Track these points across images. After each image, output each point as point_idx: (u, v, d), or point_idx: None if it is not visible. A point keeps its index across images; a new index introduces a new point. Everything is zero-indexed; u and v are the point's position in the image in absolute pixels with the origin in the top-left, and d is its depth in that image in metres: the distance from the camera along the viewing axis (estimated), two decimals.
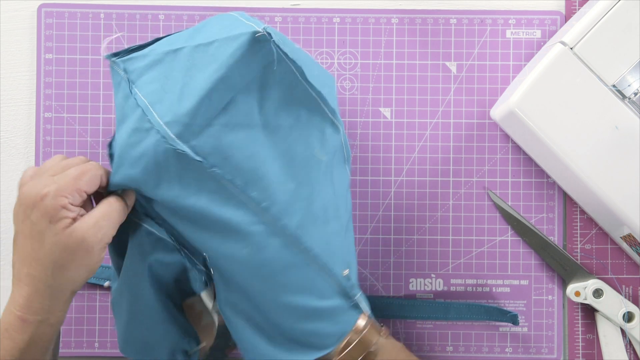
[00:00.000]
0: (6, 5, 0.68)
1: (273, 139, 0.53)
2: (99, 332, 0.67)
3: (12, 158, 0.68)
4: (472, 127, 0.67)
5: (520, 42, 0.67)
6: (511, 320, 0.65)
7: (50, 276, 0.51)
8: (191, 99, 0.50)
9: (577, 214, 0.67)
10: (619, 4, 0.59)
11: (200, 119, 0.50)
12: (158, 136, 0.50)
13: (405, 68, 0.67)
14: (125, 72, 0.53)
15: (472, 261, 0.67)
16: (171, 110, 0.50)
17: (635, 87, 0.59)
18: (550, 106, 0.59)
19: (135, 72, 0.53)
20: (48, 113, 0.67)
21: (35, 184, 0.51)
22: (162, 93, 0.51)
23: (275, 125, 0.53)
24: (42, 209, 0.50)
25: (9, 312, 0.51)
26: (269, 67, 0.51)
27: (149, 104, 0.51)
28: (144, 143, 0.51)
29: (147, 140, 0.50)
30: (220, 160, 0.51)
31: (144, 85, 0.52)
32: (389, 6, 0.68)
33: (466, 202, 0.67)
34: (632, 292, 0.67)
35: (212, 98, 0.50)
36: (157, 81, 0.52)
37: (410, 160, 0.67)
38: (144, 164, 0.51)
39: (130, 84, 0.52)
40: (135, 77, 0.53)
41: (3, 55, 0.68)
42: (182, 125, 0.50)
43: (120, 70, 0.53)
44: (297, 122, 0.54)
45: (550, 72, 0.59)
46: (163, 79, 0.52)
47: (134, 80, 0.53)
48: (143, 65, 0.53)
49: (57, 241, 0.50)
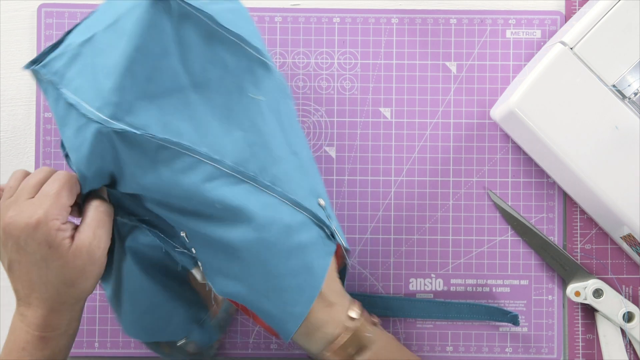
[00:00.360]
0: (6, 5, 0.68)
1: (206, 95, 0.52)
2: (99, 332, 0.67)
3: (12, 158, 0.68)
4: (472, 127, 0.67)
5: (520, 42, 0.67)
6: (512, 320, 0.65)
7: (63, 294, 0.51)
8: (113, 77, 0.50)
9: (577, 214, 0.67)
10: (619, 4, 0.59)
11: (128, 94, 0.50)
12: (96, 125, 0.49)
13: (405, 68, 0.67)
14: (48, 76, 0.53)
15: (472, 261, 0.67)
16: (99, 96, 0.50)
17: (635, 87, 0.59)
18: (550, 106, 0.59)
19: (58, 73, 0.53)
20: (48, 113, 0.67)
21: (18, 214, 0.50)
22: (87, 84, 0.51)
23: (205, 81, 0.52)
24: (38, 238, 0.50)
25: (25, 332, 0.51)
26: (179, 25, 0.51)
27: (79, 99, 0.51)
28: (87, 137, 0.50)
29: (89, 133, 0.50)
30: (161, 128, 0.51)
31: (69, 83, 0.52)
32: (389, 6, 0.68)
33: (466, 202, 0.67)
34: (632, 292, 0.67)
35: (134, 71, 0.50)
36: (81, 75, 0.52)
37: (410, 160, 0.67)
38: (98, 158, 0.51)
39: (56, 86, 0.52)
40: (58, 78, 0.53)
41: (3, 55, 0.68)
42: (113, 105, 0.49)
43: (43, 77, 0.53)
44: (225, 71, 0.53)
45: (550, 72, 0.59)
46: (86, 71, 0.51)
47: (58, 82, 0.52)
48: (63, 64, 0.53)
49: (62, 264, 0.50)
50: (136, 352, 0.67)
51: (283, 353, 0.67)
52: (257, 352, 0.67)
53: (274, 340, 0.67)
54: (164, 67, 0.51)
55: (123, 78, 0.50)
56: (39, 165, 0.67)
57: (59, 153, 0.67)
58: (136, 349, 0.67)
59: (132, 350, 0.67)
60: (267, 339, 0.67)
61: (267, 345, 0.67)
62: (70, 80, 0.52)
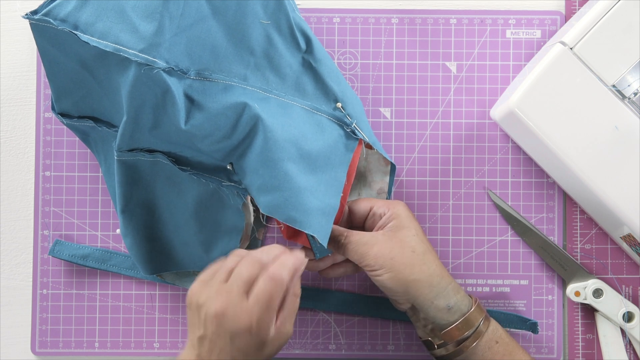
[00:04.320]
0: (6, 5, 0.68)
1: (224, 22, 0.56)
2: (99, 332, 0.67)
3: (12, 158, 0.68)
4: (472, 127, 0.67)
5: (520, 42, 0.67)
6: (530, 328, 0.65)
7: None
8: (153, 20, 0.53)
9: (577, 214, 0.67)
10: (619, 4, 0.59)
11: (167, 33, 0.53)
12: (142, 67, 0.53)
13: (405, 68, 0.67)
14: (57, 23, 0.54)
15: (472, 261, 0.67)
16: (140, 38, 0.53)
17: (635, 87, 0.59)
18: (550, 106, 0.59)
19: (69, 19, 0.54)
20: (48, 113, 0.67)
21: (236, 312, 0.50)
22: (117, 27, 0.53)
23: (224, 9, 0.56)
24: (248, 341, 0.50)
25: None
26: None
27: (115, 44, 0.53)
28: (130, 79, 0.53)
29: (131, 75, 0.53)
30: (188, 60, 0.55)
31: (89, 27, 0.53)
32: (389, 6, 0.68)
33: (466, 202, 0.67)
34: (632, 292, 0.67)
35: (170, 9, 0.53)
36: (102, 18, 0.53)
37: (410, 160, 0.67)
38: (138, 100, 0.54)
39: (77, 32, 0.53)
40: (71, 24, 0.54)
41: (3, 55, 0.68)
42: (157, 46, 0.53)
43: (53, 24, 0.54)
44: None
45: (550, 72, 0.59)
46: (107, 14, 0.53)
47: (73, 28, 0.54)
48: (73, 8, 0.54)
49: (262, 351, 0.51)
50: (136, 352, 0.67)
51: (283, 353, 0.67)
52: None
53: None
54: (191, 1, 0.54)
55: (163, 17, 0.53)
56: (39, 165, 0.67)
57: (59, 153, 0.67)
58: (136, 348, 0.67)
59: (132, 350, 0.67)
60: None
61: None
62: (89, 25, 0.53)
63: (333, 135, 0.59)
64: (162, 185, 0.61)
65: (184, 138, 0.56)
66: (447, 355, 0.58)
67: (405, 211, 0.59)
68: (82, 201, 0.67)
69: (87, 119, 0.60)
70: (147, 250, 0.62)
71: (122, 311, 0.67)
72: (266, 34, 0.58)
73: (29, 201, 0.68)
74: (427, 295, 0.57)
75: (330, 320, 0.67)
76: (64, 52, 0.56)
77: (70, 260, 0.66)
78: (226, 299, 0.50)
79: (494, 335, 0.58)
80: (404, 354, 0.67)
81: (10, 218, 0.68)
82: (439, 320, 0.57)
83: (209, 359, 0.51)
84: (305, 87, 0.60)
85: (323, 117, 0.59)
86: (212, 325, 0.50)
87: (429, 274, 0.57)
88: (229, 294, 0.50)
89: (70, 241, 0.67)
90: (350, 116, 0.59)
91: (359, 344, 0.67)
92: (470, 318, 0.57)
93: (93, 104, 0.60)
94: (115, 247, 0.67)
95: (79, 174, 0.67)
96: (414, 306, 0.58)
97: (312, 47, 0.60)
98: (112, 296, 0.67)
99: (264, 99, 0.57)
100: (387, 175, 0.64)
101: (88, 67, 0.56)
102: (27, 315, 0.67)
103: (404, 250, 0.57)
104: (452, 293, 0.58)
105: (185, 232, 0.62)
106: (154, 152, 0.58)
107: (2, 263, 0.68)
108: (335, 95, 0.60)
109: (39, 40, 0.56)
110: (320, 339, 0.67)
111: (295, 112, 0.58)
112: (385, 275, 0.56)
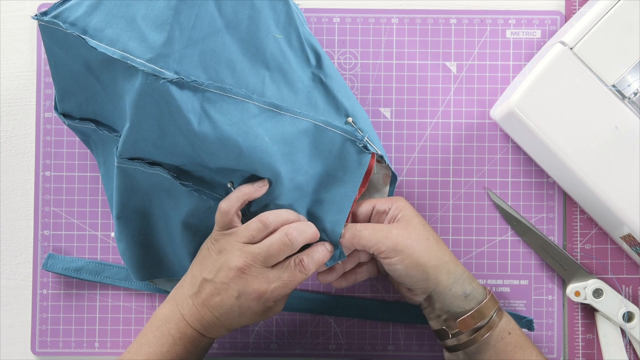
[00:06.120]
0: (6, 5, 0.68)
1: (238, 36, 0.56)
2: (99, 332, 0.67)
3: (12, 158, 0.68)
4: (472, 127, 0.67)
5: (520, 42, 0.67)
6: (526, 325, 0.65)
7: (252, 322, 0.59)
8: (163, 30, 0.53)
9: (577, 214, 0.67)
10: (619, 4, 0.59)
11: (177, 44, 0.53)
12: (149, 77, 0.52)
13: (405, 68, 0.67)
14: (65, 26, 0.53)
15: (472, 261, 0.67)
16: (148, 48, 0.53)
17: (635, 87, 0.59)
18: (550, 106, 0.59)
19: (78, 23, 0.54)
20: (48, 113, 0.67)
21: (257, 276, 0.55)
22: (126, 35, 0.53)
23: (236, 22, 0.56)
24: (251, 303, 0.55)
25: (185, 326, 0.56)
26: None
27: (122, 51, 0.53)
28: (136, 88, 0.53)
29: (137, 84, 0.53)
30: (203, 73, 0.54)
31: (98, 32, 0.53)
32: (389, 6, 0.68)
33: (466, 202, 0.67)
34: (632, 292, 0.67)
35: (180, 21, 0.53)
36: (112, 25, 0.53)
37: (410, 160, 0.67)
38: (143, 110, 0.54)
39: (85, 37, 0.53)
40: (80, 28, 0.53)
41: (3, 55, 0.68)
42: (165, 56, 0.53)
43: (62, 27, 0.53)
44: (253, 10, 0.56)
45: (550, 72, 0.59)
46: (117, 21, 0.53)
47: (82, 32, 0.53)
48: (83, 13, 0.53)
49: (261, 311, 0.57)
50: None
51: (283, 353, 0.67)
52: (257, 352, 0.67)
53: (274, 340, 0.67)
54: (203, 13, 0.54)
55: (173, 29, 0.53)
56: (39, 165, 0.67)
57: (59, 153, 0.67)
58: None
59: None
60: (267, 339, 0.67)
61: (267, 345, 0.67)
62: (98, 31, 0.53)
63: (344, 152, 0.59)
64: (160, 196, 0.60)
65: (189, 150, 0.56)
66: (459, 344, 0.58)
67: (408, 205, 0.60)
68: (82, 201, 0.67)
69: (89, 122, 0.60)
70: (139, 255, 0.62)
71: (122, 311, 0.67)
72: (279, 48, 0.58)
73: (29, 201, 0.68)
74: (446, 282, 0.57)
75: (330, 320, 0.67)
76: (71, 54, 0.56)
77: (63, 274, 0.66)
78: (250, 261, 0.55)
79: (507, 326, 0.58)
80: (404, 354, 0.67)
81: (10, 218, 0.68)
82: (455, 308, 0.58)
83: (206, 300, 0.56)
84: (317, 102, 0.60)
85: (335, 133, 0.59)
86: (225, 276, 0.55)
87: (445, 260, 0.58)
88: (255, 259, 0.55)
89: (70, 241, 0.67)
90: (361, 130, 0.59)
91: (359, 344, 0.67)
92: (485, 308, 0.58)
93: (96, 108, 0.59)
94: (114, 248, 0.67)
95: (79, 174, 0.67)
96: (429, 296, 0.59)
97: (322, 63, 0.60)
98: (112, 296, 0.67)
99: (278, 117, 0.57)
100: (387, 185, 0.64)
101: (94, 72, 0.56)
102: (27, 315, 0.67)
103: (420, 237, 0.58)
104: (467, 281, 0.58)
105: (179, 241, 0.61)
106: (154, 165, 0.58)
107: (2, 263, 0.68)
108: (346, 110, 0.60)
109: (46, 41, 0.56)
110: (320, 339, 0.67)
111: (306, 136, 0.59)
112: (407, 261, 0.57)
